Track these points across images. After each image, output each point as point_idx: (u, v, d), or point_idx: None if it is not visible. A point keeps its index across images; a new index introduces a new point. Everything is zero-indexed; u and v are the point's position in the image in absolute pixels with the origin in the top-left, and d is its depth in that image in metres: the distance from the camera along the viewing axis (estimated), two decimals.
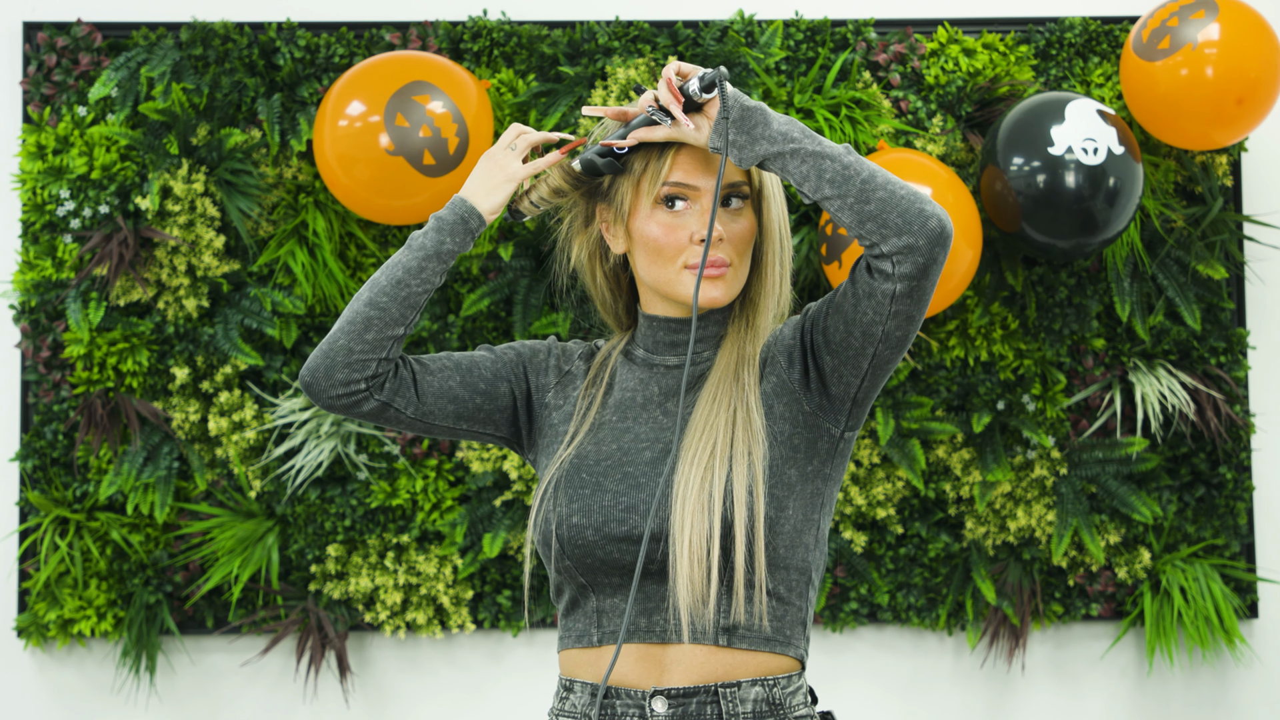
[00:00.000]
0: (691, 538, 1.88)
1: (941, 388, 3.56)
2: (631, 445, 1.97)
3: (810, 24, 3.61)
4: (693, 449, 1.92)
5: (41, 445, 3.54)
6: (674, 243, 1.96)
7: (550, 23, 3.62)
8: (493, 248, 3.52)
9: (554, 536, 1.95)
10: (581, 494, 1.95)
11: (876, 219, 1.86)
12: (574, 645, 1.97)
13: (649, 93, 1.94)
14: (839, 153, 1.87)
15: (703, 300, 1.96)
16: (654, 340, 2.03)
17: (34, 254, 3.54)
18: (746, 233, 1.97)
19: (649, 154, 1.97)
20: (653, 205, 1.96)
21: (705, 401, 1.95)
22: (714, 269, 1.95)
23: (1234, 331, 3.60)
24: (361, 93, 3.33)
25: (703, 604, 1.89)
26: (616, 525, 1.92)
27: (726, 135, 1.88)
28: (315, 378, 1.98)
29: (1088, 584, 3.59)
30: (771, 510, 1.91)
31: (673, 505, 1.90)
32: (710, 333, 2.02)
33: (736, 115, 1.88)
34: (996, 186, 3.39)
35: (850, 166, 1.87)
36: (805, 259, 3.52)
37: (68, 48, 3.58)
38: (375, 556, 3.55)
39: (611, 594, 1.94)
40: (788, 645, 1.94)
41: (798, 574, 1.94)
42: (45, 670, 3.59)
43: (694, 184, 1.95)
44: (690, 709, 1.90)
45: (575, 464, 1.98)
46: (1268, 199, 3.67)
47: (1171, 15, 3.39)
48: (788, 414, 1.96)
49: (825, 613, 3.58)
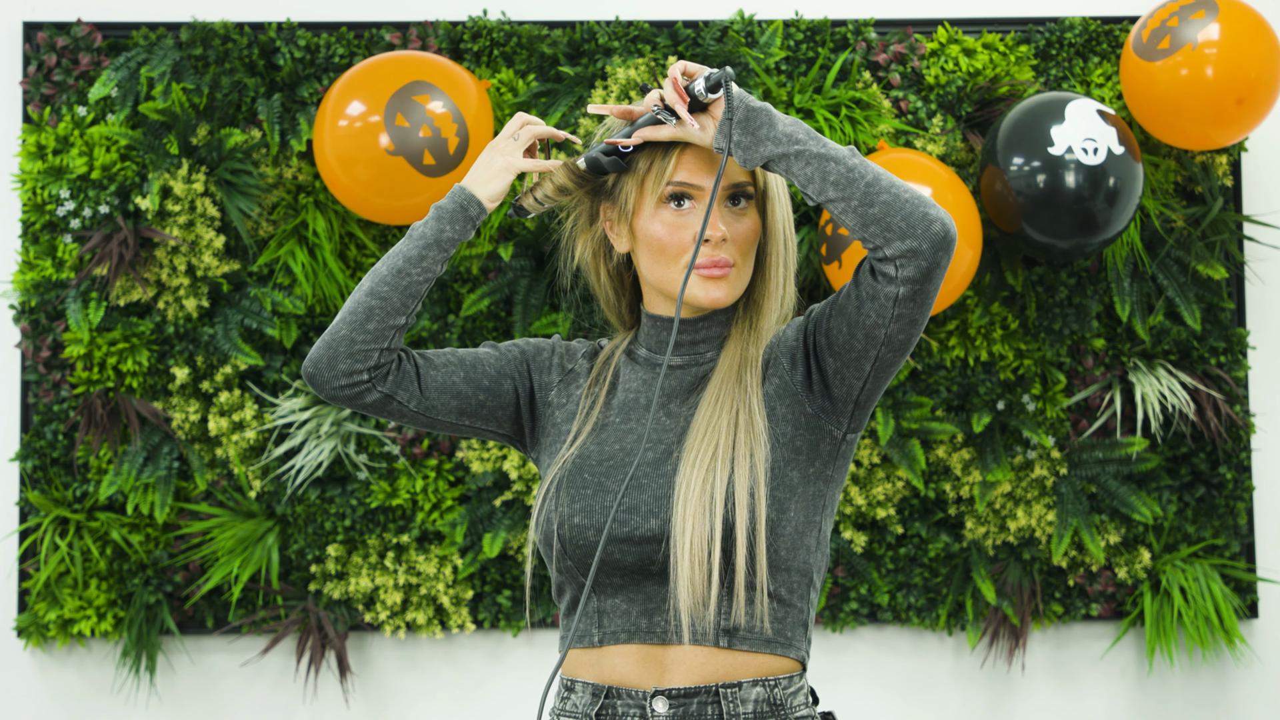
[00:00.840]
0: (692, 539, 1.88)
1: (941, 388, 3.56)
2: (634, 445, 1.97)
3: (810, 24, 3.61)
4: (694, 450, 1.92)
5: (41, 445, 3.54)
6: (677, 242, 1.96)
7: (550, 23, 3.62)
8: (493, 248, 3.52)
9: (555, 536, 1.95)
10: (584, 494, 1.95)
11: (880, 222, 1.85)
12: (575, 645, 1.97)
13: (654, 91, 1.94)
14: (844, 155, 1.87)
15: (706, 300, 1.96)
16: (657, 340, 2.03)
17: (34, 254, 3.54)
18: (750, 233, 1.97)
19: (654, 153, 1.97)
20: (657, 204, 1.96)
21: (708, 403, 1.95)
22: (717, 269, 1.95)
23: (1234, 331, 3.60)
24: (361, 93, 3.33)
25: (703, 606, 1.89)
26: (618, 526, 1.92)
27: (730, 135, 1.88)
28: (318, 368, 1.98)
29: (1088, 584, 3.59)
30: (773, 512, 1.91)
31: (674, 507, 1.90)
32: (713, 333, 2.02)
33: (741, 116, 1.88)
34: (996, 186, 3.39)
35: (855, 169, 1.86)
36: (805, 259, 3.52)
37: (68, 48, 3.58)
38: (375, 556, 3.55)
39: (613, 594, 1.94)
40: (789, 647, 1.94)
41: (799, 576, 1.94)
42: (45, 670, 3.59)
43: (699, 184, 1.95)
44: (691, 709, 1.90)
45: (578, 464, 1.98)
46: (1268, 199, 3.67)
47: (1171, 15, 3.39)
48: (790, 415, 1.96)
49: (825, 613, 3.58)
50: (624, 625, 1.93)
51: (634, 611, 1.93)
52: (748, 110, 1.89)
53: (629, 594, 1.93)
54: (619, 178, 1.99)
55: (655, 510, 1.91)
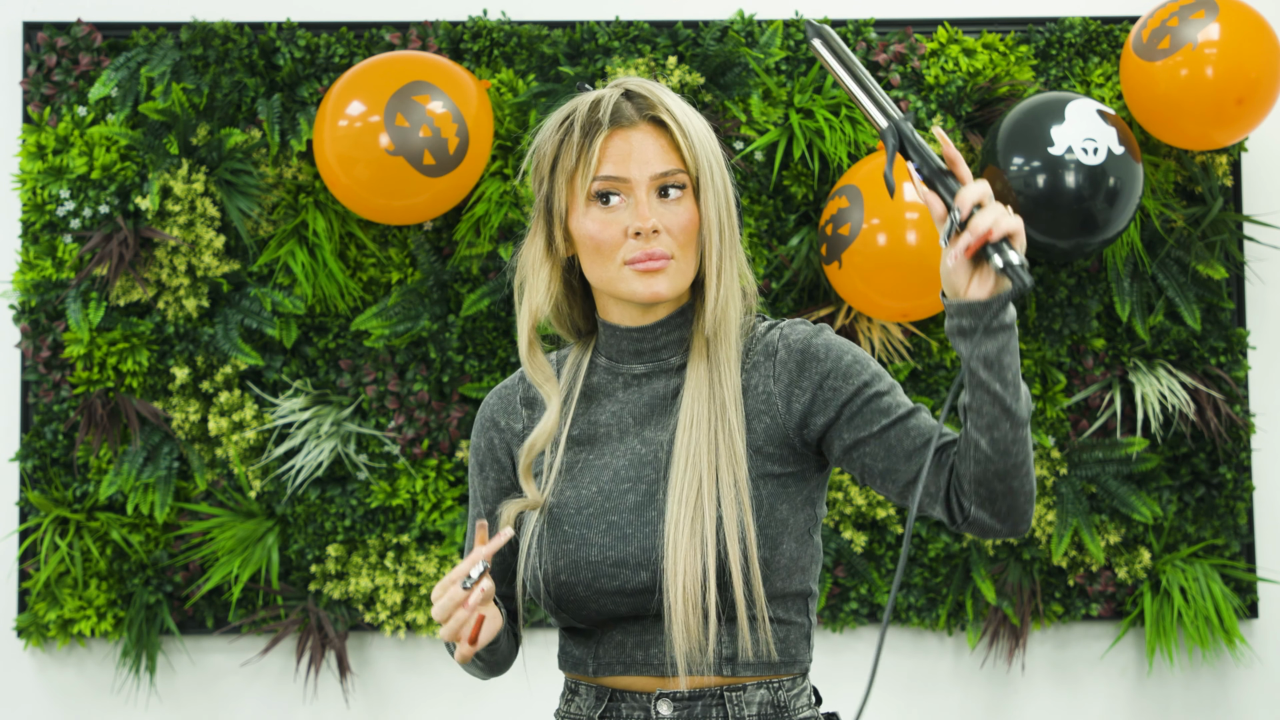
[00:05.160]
0: (685, 584, 1.83)
1: (941, 388, 3.56)
2: (612, 486, 1.91)
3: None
4: (679, 486, 1.86)
5: (41, 445, 3.54)
6: (611, 239, 1.89)
7: (550, 23, 3.62)
8: (492, 248, 3.52)
9: (544, 592, 1.91)
10: (566, 549, 1.90)
11: (991, 493, 1.80)
12: (571, 670, 1.96)
13: (971, 192, 1.75)
14: (1022, 419, 1.79)
15: (647, 294, 1.90)
16: (617, 349, 1.97)
17: (34, 254, 3.54)
18: (688, 223, 1.90)
19: (580, 147, 1.91)
20: (587, 202, 1.90)
21: (684, 427, 1.89)
22: (653, 261, 1.88)
23: (1234, 331, 3.60)
24: (361, 93, 3.33)
25: (700, 651, 1.85)
26: (607, 581, 1.88)
27: (983, 315, 1.76)
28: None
29: (1088, 584, 3.59)
30: (765, 551, 1.86)
31: (664, 555, 1.85)
32: (674, 337, 1.95)
33: (996, 324, 1.76)
34: (996, 186, 3.39)
35: (1019, 442, 1.79)
36: (805, 259, 3.52)
37: (68, 48, 3.57)
38: (375, 556, 3.55)
39: (610, 629, 1.92)
40: (794, 664, 1.93)
41: (796, 597, 1.92)
42: (45, 670, 3.59)
43: (624, 176, 1.89)
44: (696, 711, 1.89)
45: (555, 515, 1.92)
46: (1268, 199, 3.67)
47: (1171, 15, 3.40)
48: (778, 455, 1.90)
49: (825, 613, 3.58)
50: (619, 657, 1.91)
51: (629, 643, 1.90)
52: (1010, 316, 1.78)
53: (625, 626, 1.91)
54: (551, 191, 1.94)
55: (644, 562, 1.87)
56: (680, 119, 1.92)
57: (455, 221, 3.57)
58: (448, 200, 3.41)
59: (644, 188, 1.89)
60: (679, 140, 1.91)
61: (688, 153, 1.91)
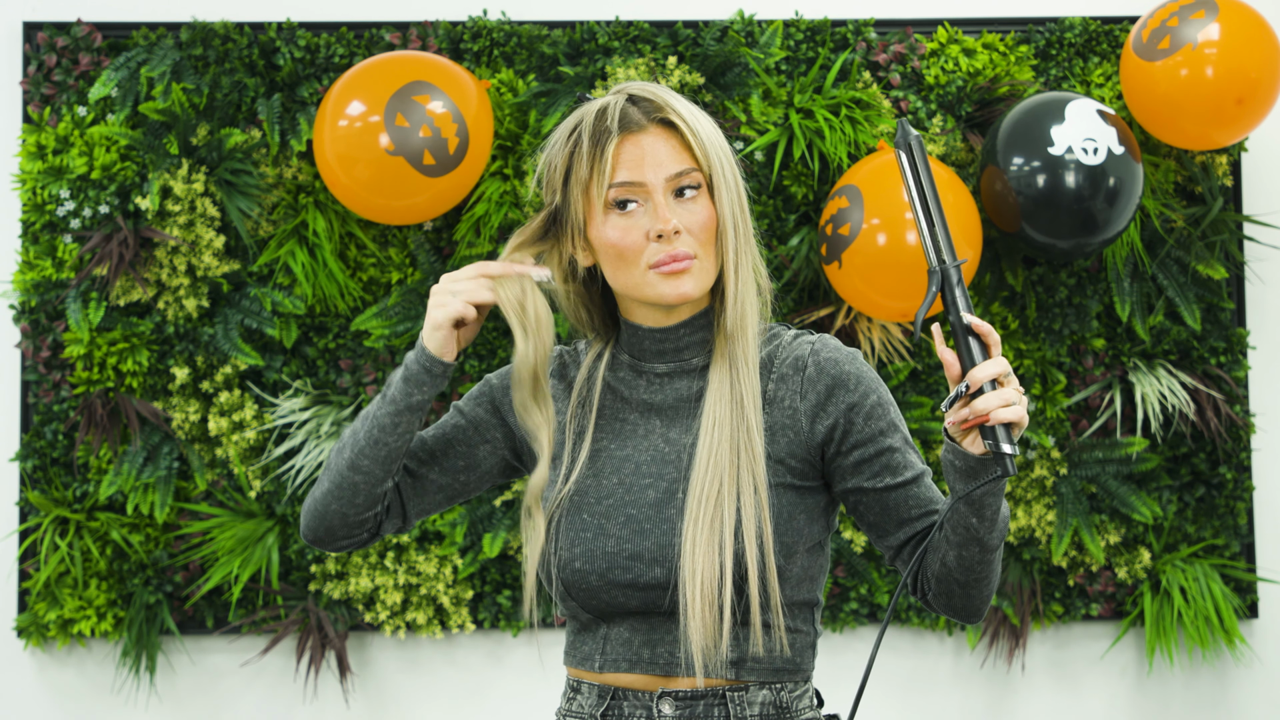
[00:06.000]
0: (703, 581, 1.84)
1: (941, 388, 3.56)
2: (633, 480, 1.93)
3: (810, 24, 3.61)
4: (699, 485, 1.87)
5: (41, 445, 3.54)
6: (633, 244, 1.89)
7: (550, 23, 3.62)
8: (492, 248, 3.52)
9: (557, 579, 1.92)
10: (584, 537, 1.91)
11: (950, 595, 1.91)
12: (578, 666, 1.96)
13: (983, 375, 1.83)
14: (994, 546, 1.87)
15: (674, 296, 1.90)
16: (640, 348, 1.98)
17: (34, 254, 3.54)
18: (707, 221, 1.90)
19: (592, 156, 1.91)
20: (604, 210, 1.91)
21: (706, 430, 1.90)
22: (677, 263, 1.89)
23: (1234, 331, 3.60)
24: (361, 93, 3.33)
25: (714, 648, 1.86)
26: (621, 573, 1.89)
27: (978, 476, 1.83)
28: (318, 538, 1.99)
29: (1088, 584, 3.59)
30: (781, 559, 1.87)
31: (682, 552, 1.86)
32: (696, 338, 1.96)
33: (995, 504, 1.84)
34: (996, 186, 3.39)
35: (985, 564, 1.88)
36: (805, 259, 3.52)
37: (68, 48, 3.57)
38: (375, 556, 3.55)
39: (620, 623, 1.92)
40: (797, 671, 1.93)
41: (803, 606, 1.93)
42: (45, 670, 3.59)
43: (640, 180, 1.89)
44: (698, 711, 1.90)
45: (576, 501, 1.93)
46: (1268, 199, 3.67)
47: (1171, 15, 3.40)
48: (799, 469, 1.91)
49: (825, 613, 3.58)
50: (625, 654, 1.92)
51: (636, 641, 1.91)
52: (994, 505, 1.85)
53: (633, 623, 1.91)
54: (566, 205, 1.94)
55: (659, 558, 1.88)
56: (688, 118, 1.92)
57: (455, 221, 3.57)
58: (448, 200, 3.41)
59: (660, 190, 1.90)
60: (689, 140, 1.91)
61: (699, 151, 1.91)
